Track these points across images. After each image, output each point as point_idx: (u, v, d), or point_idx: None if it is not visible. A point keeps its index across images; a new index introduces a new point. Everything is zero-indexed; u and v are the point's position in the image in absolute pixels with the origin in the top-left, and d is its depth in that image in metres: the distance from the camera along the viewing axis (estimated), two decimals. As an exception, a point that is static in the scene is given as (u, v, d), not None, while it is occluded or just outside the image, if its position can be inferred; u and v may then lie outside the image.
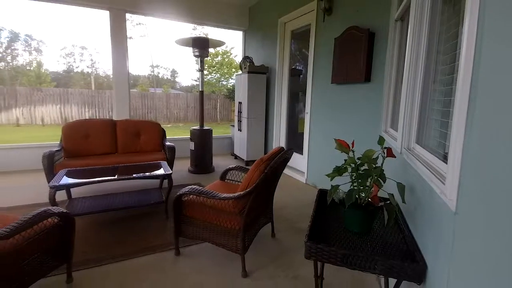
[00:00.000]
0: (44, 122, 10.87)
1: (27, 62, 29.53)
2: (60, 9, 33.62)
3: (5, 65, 26.22)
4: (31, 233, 1.50)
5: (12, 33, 27.48)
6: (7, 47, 27.45)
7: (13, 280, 1.40)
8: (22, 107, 10.78)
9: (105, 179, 2.48)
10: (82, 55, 31.66)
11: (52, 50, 30.17)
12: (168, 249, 2.11)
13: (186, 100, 13.13)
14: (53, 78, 21.59)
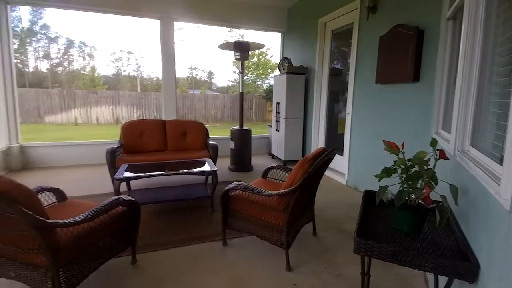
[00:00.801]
0: (99, 122, 12.15)
1: (81, 67, 33.04)
2: (110, 18, 36.96)
3: (62, 70, 29.76)
4: (106, 217, 1.79)
5: (68, 41, 30.96)
6: (64, 53, 31.09)
7: (93, 257, 1.69)
8: (80, 108, 12.17)
9: (162, 174, 2.79)
10: (129, 60, 34.44)
11: (103, 55, 33.29)
12: (216, 239, 2.31)
13: (223, 100, 13.63)
14: (104, 81, 23.84)
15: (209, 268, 1.96)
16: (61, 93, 12.05)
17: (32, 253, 1.44)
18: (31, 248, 1.43)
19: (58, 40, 28.77)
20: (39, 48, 25.96)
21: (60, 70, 28.83)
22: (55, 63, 27.17)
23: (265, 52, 16.64)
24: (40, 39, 25.74)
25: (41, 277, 1.46)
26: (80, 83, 22.38)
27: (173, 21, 5.11)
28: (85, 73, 29.22)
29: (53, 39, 27.15)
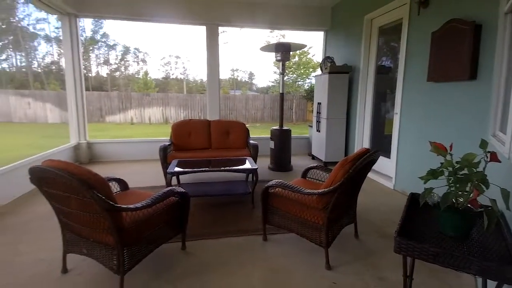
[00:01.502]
0: (151, 121, 13.34)
1: (135, 71, 36.41)
2: (161, 26, 40.12)
3: (119, 74, 33.23)
4: (161, 206, 2.03)
5: (125, 48, 34.39)
6: (121, 59, 34.67)
7: (150, 241, 1.94)
8: (135, 109, 13.48)
9: (208, 170, 3.02)
10: (177, 63, 36.88)
11: (154, 60, 36.19)
12: (257, 234, 2.44)
13: (263, 101, 13.85)
14: (155, 84, 25.90)
15: (250, 260, 2.09)
16: (120, 96, 13.50)
17: (102, 233, 1.72)
18: (102, 228, 1.71)
19: (116, 47, 32.14)
20: (100, 55, 29.25)
21: (117, 75, 32.20)
22: (114, 68, 30.40)
23: (306, 51, 16.39)
24: (101, 47, 28.92)
25: (108, 254, 1.74)
26: (135, 86, 24.70)
27: (218, 27, 5.41)
28: (139, 77, 32.09)
29: (112, 46, 30.28)
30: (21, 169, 3.39)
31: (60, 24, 4.90)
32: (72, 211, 1.77)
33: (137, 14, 5.04)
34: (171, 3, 5.04)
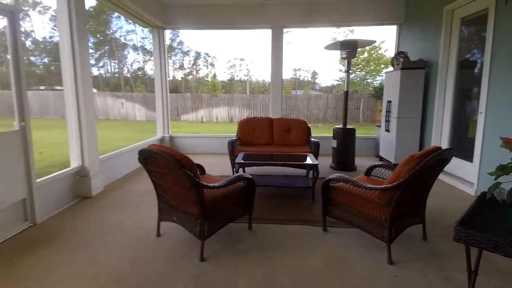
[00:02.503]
0: (218, 120, 14.54)
1: (205, 74, 39.74)
2: (228, 31, 42.90)
3: (191, 77, 36.82)
4: (232, 188, 2.38)
5: (196, 53, 37.85)
6: (193, 64, 38.34)
7: (223, 217, 2.30)
8: (205, 109, 14.85)
9: (272, 163, 3.30)
10: (241, 66, 38.89)
11: (221, 63, 38.79)
12: (316, 225, 2.60)
13: (326, 100, 13.58)
14: (222, 86, 27.86)
15: (309, 246, 2.27)
16: (192, 97, 15.09)
17: (189, 205, 2.15)
18: (189, 201, 2.13)
19: (189, 53, 35.69)
20: (176, 60, 32.91)
21: (190, 78, 35.74)
22: (187, 72, 33.84)
23: (378, 46, 15.24)
24: (177, 53, 32.46)
25: (193, 222, 2.16)
26: (205, 88, 27.08)
27: (283, 29, 5.68)
28: (208, 79, 34.87)
29: (186, 52, 33.67)
30: (120, 156, 4.30)
31: (144, 34, 5.92)
32: (167, 185, 2.26)
33: (212, 24, 5.70)
34: (239, 11, 5.53)
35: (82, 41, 3.23)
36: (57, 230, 2.55)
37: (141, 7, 4.58)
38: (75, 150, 3.31)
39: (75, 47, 3.17)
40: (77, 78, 3.24)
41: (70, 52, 3.16)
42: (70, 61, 3.18)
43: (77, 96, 3.26)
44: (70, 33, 3.15)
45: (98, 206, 3.11)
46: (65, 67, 3.20)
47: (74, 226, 2.63)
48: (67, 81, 3.22)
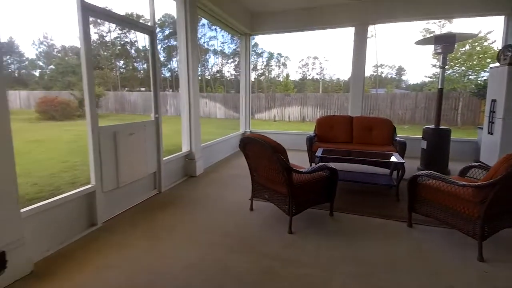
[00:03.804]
0: (289, 119, 14.94)
1: (276, 74, 40.64)
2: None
3: (263, 78, 38.20)
4: (316, 176, 2.67)
5: (269, 54, 38.98)
6: (266, 65, 39.68)
7: (307, 200, 2.62)
8: (277, 108, 15.41)
9: (355, 159, 3.45)
10: (314, 64, 38.32)
11: (293, 63, 38.98)
12: (401, 221, 2.66)
13: (415, 100, 12.33)
14: (294, 86, 28.13)
15: (394, 237, 2.38)
16: (266, 97, 15.86)
17: (280, 185, 2.54)
18: (279, 181, 2.52)
19: (262, 54, 37.13)
20: (251, 62, 34.97)
21: (262, 78, 37.20)
22: (260, 73, 35.33)
23: (483, 37, 12.88)
24: (252, 55, 34.41)
25: (282, 200, 2.54)
26: (277, 88, 27.87)
27: (367, 26, 5.61)
28: (279, 79, 35.58)
29: (260, 54, 35.13)
30: (214, 146, 5.11)
31: (224, 39, 6.66)
32: (261, 167, 2.72)
33: (295, 27, 6.06)
34: (322, 12, 5.71)
35: (194, 52, 4.03)
36: (176, 197, 3.33)
37: (234, 18, 5.29)
38: (185, 138, 4.15)
39: (189, 57, 3.98)
40: (190, 82, 4.05)
41: (185, 61, 3.99)
42: (185, 69, 4.00)
43: (189, 96, 4.07)
44: (185, 46, 3.96)
45: (202, 183, 3.86)
46: (182, 73, 4.05)
47: (188, 196, 3.38)
48: (183, 85, 4.06)
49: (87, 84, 2.47)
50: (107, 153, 2.69)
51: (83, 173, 4.76)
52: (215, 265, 1.99)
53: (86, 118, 2.51)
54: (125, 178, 2.92)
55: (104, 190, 2.65)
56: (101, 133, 2.61)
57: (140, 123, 3.22)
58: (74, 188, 2.46)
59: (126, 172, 2.92)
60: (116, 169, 2.80)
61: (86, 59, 2.44)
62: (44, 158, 5.63)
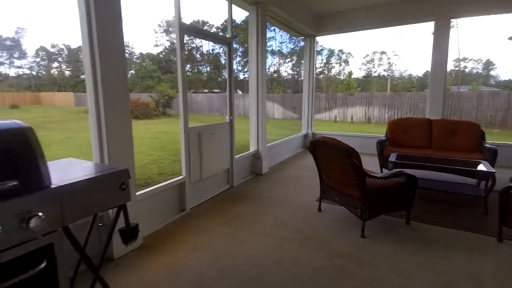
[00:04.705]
0: (352, 120, 14.33)
1: (337, 72, 39.04)
2: (369, 23, 40.21)
3: (322, 76, 37.00)
4: (391, 182, 2.63)
5: (330, 51, 37.53)
6: (325, 63, 38.36)
7: (381, 206, 2.60)
8: (338, 108, 14.93)
9: (436, 166, 3.23)
10: (381, 60, 35.67)
11: (356, 59, 36.85)
12: (489, 235, 2.45)
13: (508, 99, 10.57)
14: (357, 84, 26.73)
15: (480, 253, 2.22)
16: (326, 96, 15.51)
17: (352, 188, 2.60)
18: (351, 185, 2.58)
19: (322, 52, 36.07)
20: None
21: (321, 77, 36.21)
22: (319, 71, 34.53)
23: None
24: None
25: (354, 204, 2.60)
26: (338, 87, 26.86)
27: (450, 19, 5.10)
28: (340, 77, 34.14)
29: (319, 52, 34.33)
30: (277, 146, 5.34)
31: (282, 39, 6.75)
32: (332, 170, 2.81)
33: (362, 25, 5.88)
34: (394, 8, 5.40)
35: (263, 57, 4.33)
36: (246, 192, 3.66)
37: (300, 21, 5.42)
38: (253, 138, 4.48)
39: (259, 61, 4.28)
40: (258, 85, 4.35)
41: (255, 65, 4.30)
42: (254, 72, 4.31)
43: (258, 98, 4.38)
44: (256, 51, 4.27)
45: (268, 181, 4.12)
46: (251, 77, 4.37)
47: (257, 192, 3.67)
48: (252, 87, 4.38)
49: (181, 92, 2.93)
50: (194, 150, 3.14)
51: (167, 166, 5.52)
52: (289, 257, 2.18)
53: (180, 120, 2.98)
54: (207, 172, 3.35)
55: (191, 181, 3.10)
56: (190, 133, 3.06)
57: (218, 125, 3.63)
58: (162, 178, 2.96)
59: (207, 166, 3.35)
60: (200, 164, 3.24)
61: (182, 72, 2.91)
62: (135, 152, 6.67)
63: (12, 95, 23.78)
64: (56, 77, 36.19)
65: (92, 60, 1.98)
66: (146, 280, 1.92)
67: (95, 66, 1.99)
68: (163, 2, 50.08)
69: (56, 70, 38.54)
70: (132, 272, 2.01)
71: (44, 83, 34.80)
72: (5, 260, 0.95)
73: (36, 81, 35.38)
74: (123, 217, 1.44)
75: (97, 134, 2.06)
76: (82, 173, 1.32)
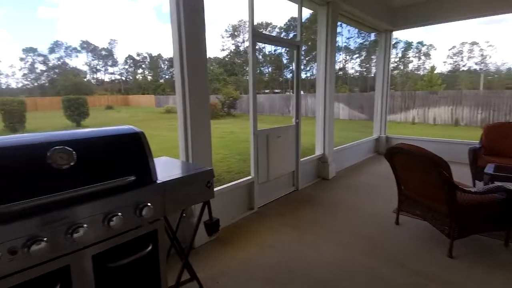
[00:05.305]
0: (435, 122, 12.71)
1: (415, 67, 35.00)
2: (458, 9, 35.03)
3: (397, 72, 33.49)
4: (487, 198, 2.27)
5: (406, 44, 33.71)
6: (401, 57, 34.61)
7: (473, 225, 2.27)
8: (417, 108, 13.43)
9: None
10: (471, 52, 30.68)
11: (440, 52, 32.44)
12: None
13: None
14: (441, 80, 23.55)
15: None
16: (403, 95, 14.11)
17: (439, 203, 2.33)
18: (438, 198, 2.32)
19: (397, 45, 32.79)
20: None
21: (396, 73, 32.98)
22: (392, 67, 31.59)
23: None
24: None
25: (441, 220, 2.32)
26: (417, 85, 24.13)
27: None
28: (418, 73, 30.58)
29: (393, 45, 31.53)
30: (344, 151, 5.11)
31: (350, 35, 6.28)
32: (413, 181, 2.57)
33: (448, 16, 5.18)
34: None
35: (332, 56, 4.22)
36: (311, 196, 3.63)
37: (374, 16, 5.08)
38: (319, 141, 4.40)
39: (327, 61, 4.18)
40: (326, 86, 4.25)
41: (324, 64, 4.21)
42: (322, 72, 4.23)
43: (325, 99, 4.28)
44: (325, 50, 4.18)
45: (335, 187, 4.00)
46: (319, 77, 4.30)
47: (322, 197, 3.61)
48: (319, 87, 4.30)
49: (251, 97, 3.09)
50: (262, 152, 3.27)
51: (233, 164, 5.87)
52: (362, 269, 2.09)
53: (249, 123, 3.14)
54: (273, 174, 3.45)
55: (259, 181, 3.24)
56: (258, 136, 3.20)
57: (285, 128, 3.70)
58: (230, 176, 3.14)
59: (274, 168, 3.44)
60: (267, 165, 3.36)
61: (253, 80, 3.07)
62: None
63: (107, 98, 28.55)
64: (140, 82, 41.88)
65: (181, 70, 2.26)
66: (222, 270, 2.10)
67: (184, 74, 2.26)
68: (230, 7, 52.90)
69: (141, 76, 44.65)
70: (210, 261, 2.22)
71: (131, 87, 40.65)
72: (123, 241, 1.17)
73: (124, 85, 41.62)
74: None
75: (183, 134, 2.34)
76: (178, 171, 1.53)
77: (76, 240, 0.98)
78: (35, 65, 37.34)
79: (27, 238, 0.89)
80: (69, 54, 39.71)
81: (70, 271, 1.01)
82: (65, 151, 1.00)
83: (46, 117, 14.92)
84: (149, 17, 59.61)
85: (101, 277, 1.10)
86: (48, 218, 0.93)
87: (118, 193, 1.13)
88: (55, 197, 0.96)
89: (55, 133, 1.11)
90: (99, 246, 1.09)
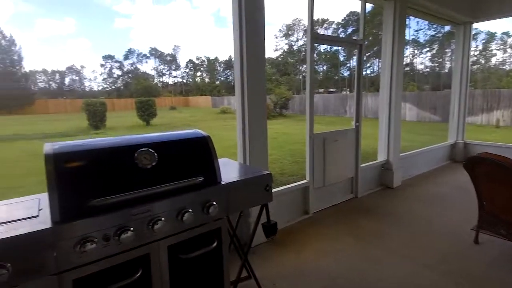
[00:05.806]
0: (527, 126, 10.75)
1: (499, 61, 29.95)
2: None
3: (477, 68, 28.95)
4: None
5: (488, 35, 28.97)
6: (482, 50, 29.84)
7: None
8: (503, 110, 11.53)
9: None
10: None
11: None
12: None
13: None
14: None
15: None
16: (484, 93, 12.27)
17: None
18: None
19: (477, 36, 28.49)
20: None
21: (475, 68, 28.72)
22: (472, 61, 27.71)
23: None
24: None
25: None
26: (502, 82, 20.75)
27: None
28: (504, 68, 26.16)
29: (473, 36, 27.54)
30: (413, 157, 4.66)
31: (419, 26, 5.56)
32: (499, 196, 2.23)
33: None
34: None
35: (400, 53, 3.90)
36: (373, 206, 3.41)
37: (450, 8, 4.52)
38: (383, 145, 4.11)
39: (394, 58, 3.87)
40: (392, 84, 3.94)
41: (389, 61, 3.91)
42: (388, 70, 3.93)
43: (390, 99, 3.98)
44: (392, 46, 3.88)
45: (401, 197, 3.69)
46: (384, 75, 4.01)
47: (386, 206, 3.37)
48: (384, 86, 4.01)
49: (308, 100, 3.08)
50: (318, 156, 3.20)
51: (286, 166, 5.88)
52: (433, 291, 1.90)
53: (306, 126, 3.11)
54: (330, 179, 3.35)
55: (315, 186, 3.18)
56: (314, 139, 3.14)
57: (343, 131, 3.55)
58: (284, 178, 3.14)
59: (330, 173, 3.34)
60: (323, 170, 3.27)
61: (310, 85, 3.06)
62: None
63: (171, 99, 31.37)
64: (199, 84, 44.92)
65: (241, 71, 2.35)
66: (278, 272, 2.13)
67: (243, 75, 2.35)
68: (285, 7, 52.82)
69: (199, 78, 47.84)
70: (266, 261, 2.28)
71: (191, 88, 43.87)
72: (192, 236, 1.28)
73: (185, 87, 45.07)
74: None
75: (241, 136, 2.44)
76: (239, 173, 1.61)
77: (156, 231, 1.11)
78: (112, 70, 43.24)
79: (118, 227, 1.05)
80: (140, 60, 44.92)
81: (150, 258, 1.15)
82: (149, 153, 1.15)
83: (120, 116, 17.06)
84: (208, 22, 63.41)
85: (174, 266, 1.23)
86: (134, 211, 1.08)
87: (189, 192, 1.24)
88: (141, 193, 1.10)
89: (138, 136, 1.28)
90: (173, 238, 1.21)
